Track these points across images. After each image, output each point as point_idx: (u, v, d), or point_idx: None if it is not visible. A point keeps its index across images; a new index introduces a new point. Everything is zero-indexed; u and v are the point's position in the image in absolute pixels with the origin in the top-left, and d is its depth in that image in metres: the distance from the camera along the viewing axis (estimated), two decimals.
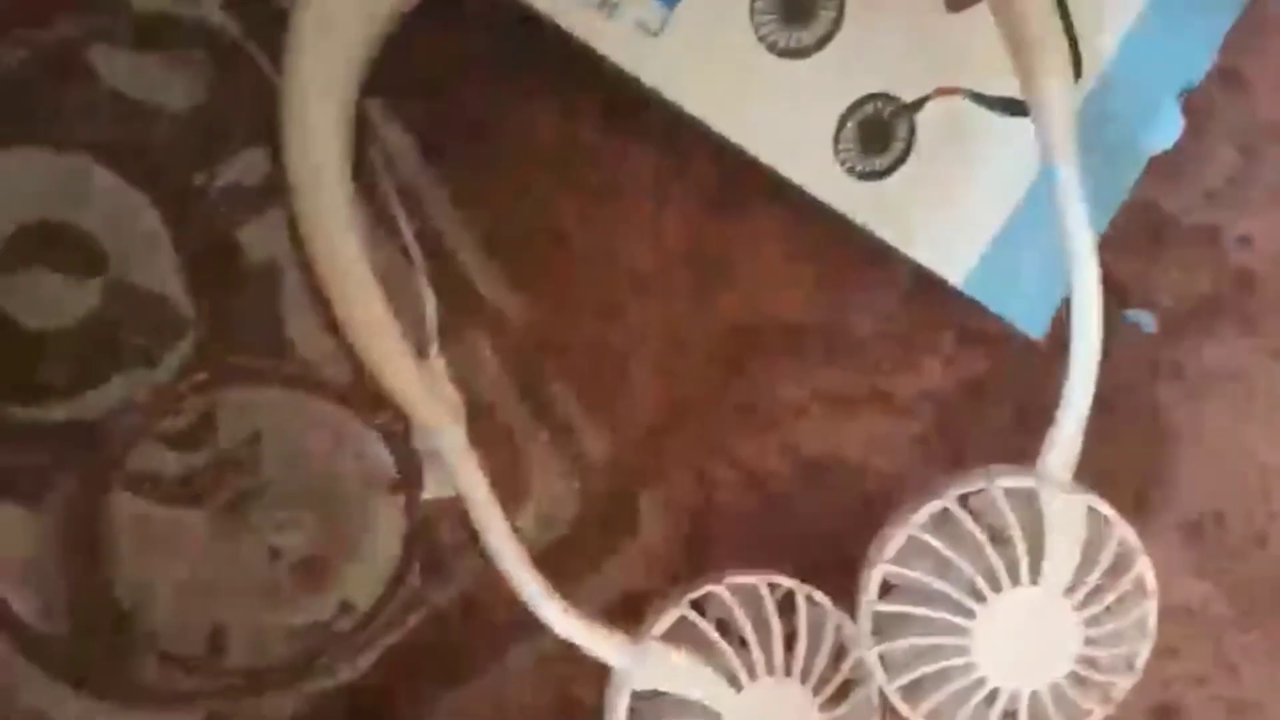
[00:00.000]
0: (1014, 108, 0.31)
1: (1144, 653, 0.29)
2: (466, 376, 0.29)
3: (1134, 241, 0.34)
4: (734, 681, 0.28)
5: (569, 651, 0.28)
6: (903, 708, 0.29)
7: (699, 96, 0.30)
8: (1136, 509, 0.35)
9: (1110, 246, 0.32)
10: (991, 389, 0.33)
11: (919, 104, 0.31)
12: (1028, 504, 0.28)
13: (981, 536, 0.28)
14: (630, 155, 0.32)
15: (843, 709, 0.29)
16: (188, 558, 0.27)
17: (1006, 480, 0.28)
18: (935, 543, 0.28)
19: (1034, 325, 0.32)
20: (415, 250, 0.29)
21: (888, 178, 0.31)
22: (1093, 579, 0.28)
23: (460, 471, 0.27)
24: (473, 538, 0.28)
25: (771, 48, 0.30)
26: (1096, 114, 0.31)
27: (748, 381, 0.33)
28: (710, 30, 0.29)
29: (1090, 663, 0.29)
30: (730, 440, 0.32)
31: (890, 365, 0.33)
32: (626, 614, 0.30)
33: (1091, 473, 0.34)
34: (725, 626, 0.29)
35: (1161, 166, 0.33)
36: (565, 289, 0.32)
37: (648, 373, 0.32)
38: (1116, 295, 0.35)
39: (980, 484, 0.28)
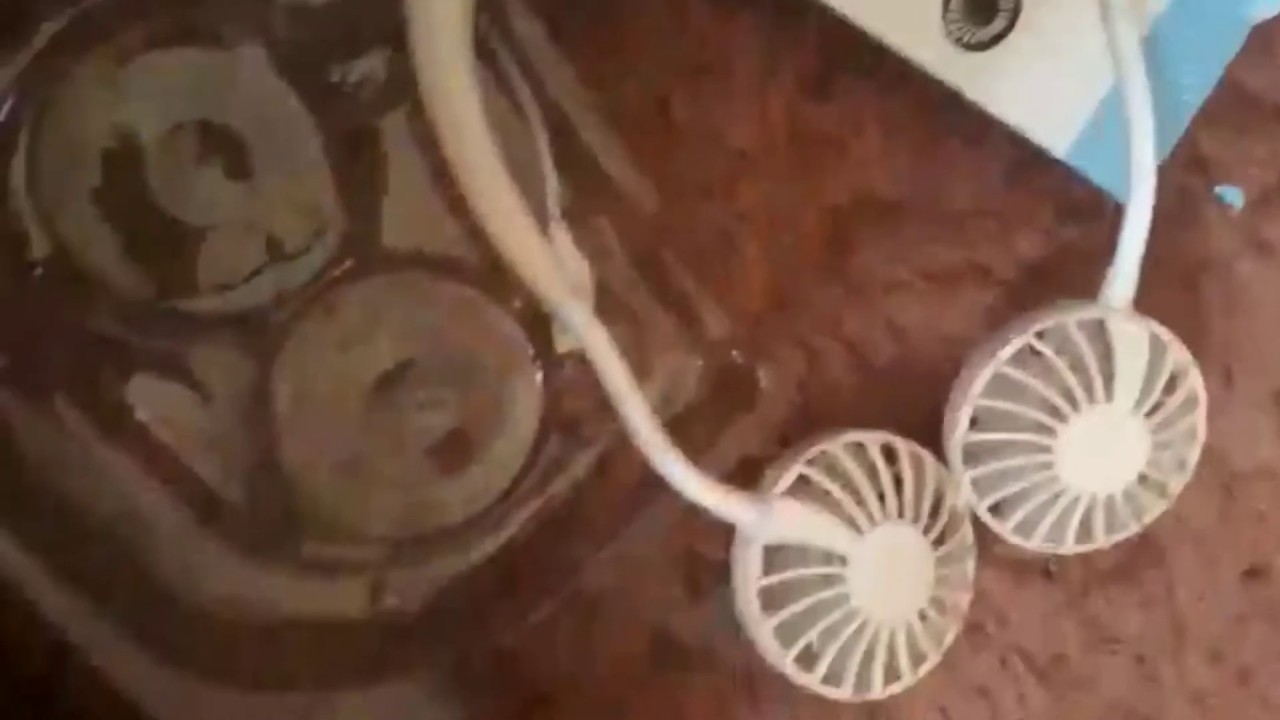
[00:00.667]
0: None
1: (1194, 455, 0.33)
2: (590, 256, 0.30)
3: (1220, 118, 0.35)
4: (854, 528, 0.30)
5: (693, 510, 0.30)
6: (992, 524, 0.32)
7: None
8: (1223, 380, 0.36)
9: (1195, 124, 0.33)
10: (1091, 259, 0.34)
11: None
12: (1096, 333, 0.31)
13: (1061, 363, 0.31)
14: (737, 35, 0.33)
15: (947, 546, 0.32)
16: (342, 436, 0.29)
17: (1077, 313, 0.31)
18: (1020, 374, 0.31)
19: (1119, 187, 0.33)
20: (539, 125, 0.29)
21: (993, 48, 0.32)
22: (1155, 394, 0.32)
23: (590, 344, 0.28)
24: (603, 406, 0.30)
25: None
26: None
27: (850, 258, 0.34)
28: None
29: (1154, 465, 0.32)
30: (834, 315, 0.34)
31: (988, 240, 0.34)
32: (742, 478, 0.31)
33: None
34: (838, 480, 0.31)
35: (1247, 43, 0.33)
36: (672, 169, 0.33)
37: (754, 251, 0.33)
38: (1204, 172, 0.36)
39: (1053, 319, 0.31)
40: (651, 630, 0.33)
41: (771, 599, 0.30)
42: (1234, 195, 0.36)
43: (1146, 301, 0.35)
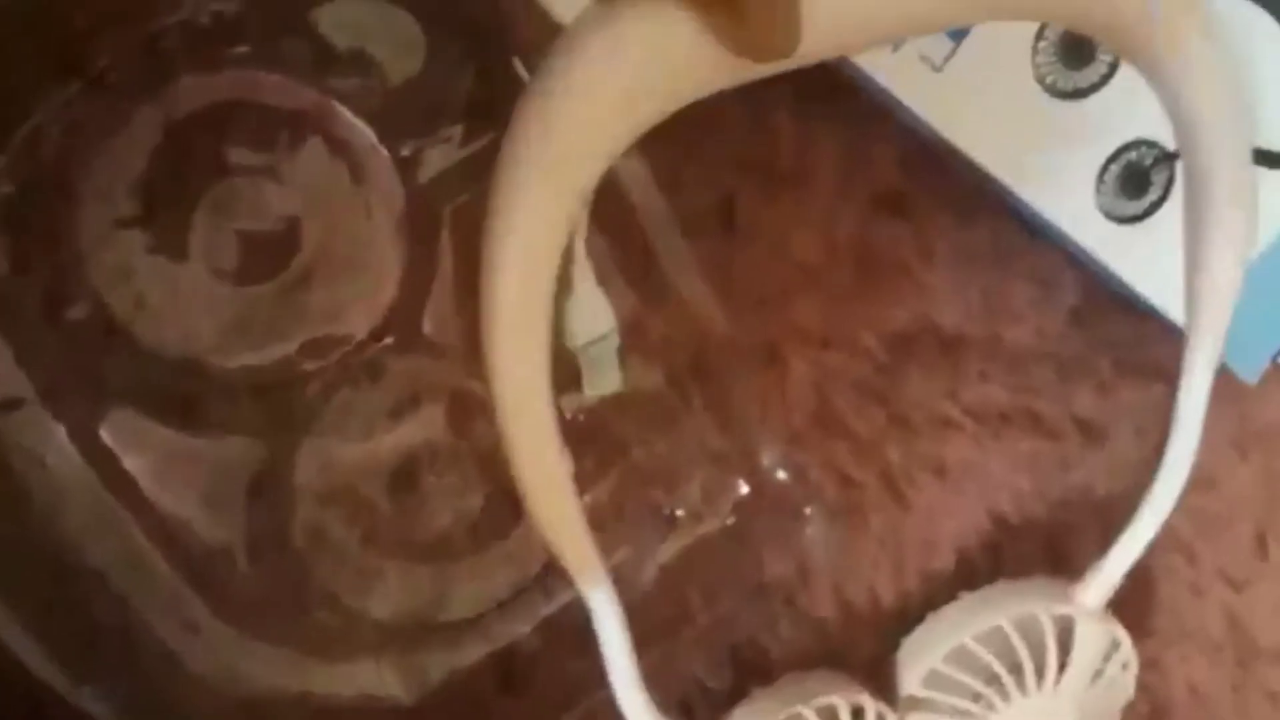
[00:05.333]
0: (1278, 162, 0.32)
1: None
2: (643, 361, 0.30)
3: None
4: None
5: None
6: None
7: (972, 132, 0.31)
8: (1256, 547, 0.37)
9: None
10: (1139, 421, 0.35)
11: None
12: (1063, 624, 0.32)
13: (1023, 649, 0.31)
14: (816, 142, 0.33)
15: None
16: (358, 513, 0.29)
17: (1051, 605, 0.32)
18: (980, 650, 0.32)
19: (1250, 371, 0.34)
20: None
21: (1140, 222, 0.32)
22: (1098, 687, 0.32)
23: (603, 628, 0.28)
24: (618, 522, 0.31)
25: (1049, 88, 0.31)
26: None
27: (901, 387, 0.34)
28: (991, 68, 0.30)
29: None
30: (878, 446, 0.34)
31: (1045, 386, 0.34)
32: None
33: (1219, 507, 0.36)
34: None
35: None
36: (727, 272, 0.32)
37: (801, 368, 0.33)
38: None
39: (1029, 605, 0.32)
40: None
41: None
42: None
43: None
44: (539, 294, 0.23)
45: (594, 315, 0.29)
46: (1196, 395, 0.30)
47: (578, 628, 0.29)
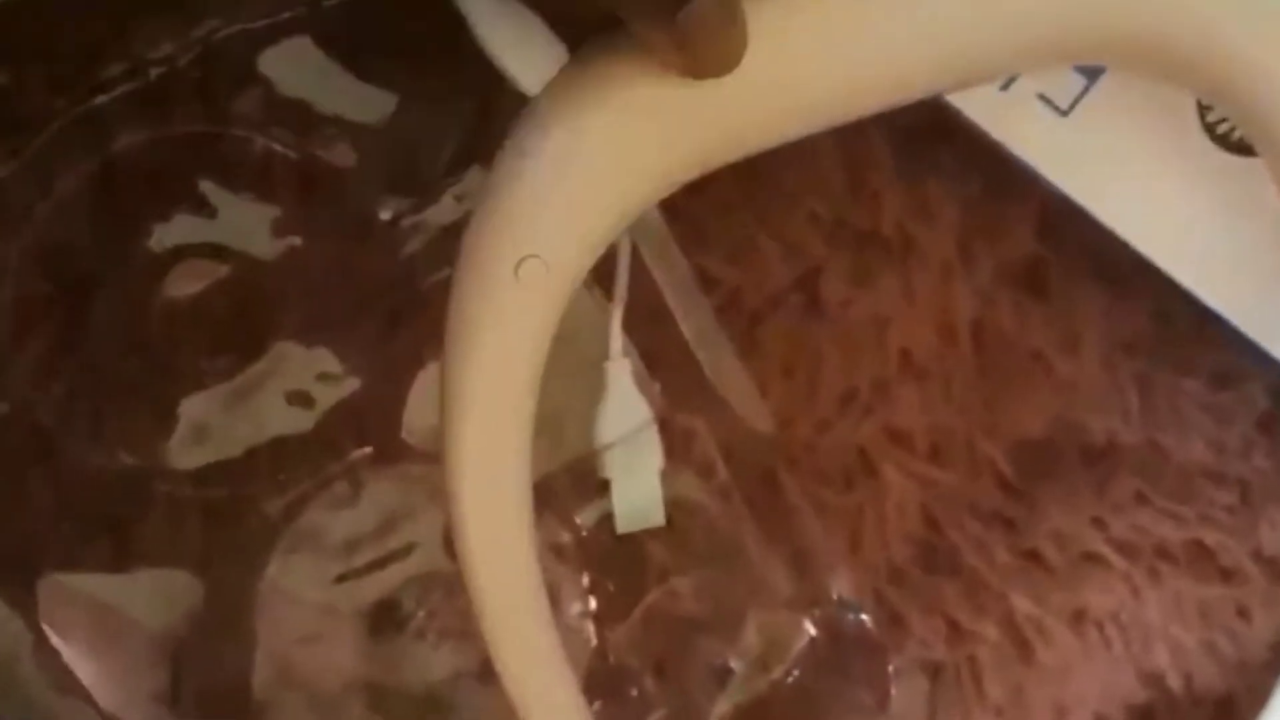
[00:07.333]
0: None
1: None
2: (681, 472, 0.27)
3: None
4: None
5: None
6: None
7: (1113, 199, 0.27)
8: None
9: None
10: None
11: None
12: None
13: None
14: (929, 203, 0.30)
15: None
16: (334, 660, 0.26)
17: None
18: None
19: None
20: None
21: None
22: None
23: None
24: (661, 668, 0.27)
25: (1221, 139, 0.27)
26: None
27: (1033, 513, 0.30)
28: (1138, 111, 0.26)
29: None
30: (1000, 587, 0.29)
31: (1222, 514, 0.29)
32: None
33: None
34: None
35: None
36: (807, 361, 0.30)
37: (902, 484, 0.30)
38: None
39: None
40: None
41: None
42: None
43: None
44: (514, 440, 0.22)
45: (626, 411, 0.27)
46: None
47: None
